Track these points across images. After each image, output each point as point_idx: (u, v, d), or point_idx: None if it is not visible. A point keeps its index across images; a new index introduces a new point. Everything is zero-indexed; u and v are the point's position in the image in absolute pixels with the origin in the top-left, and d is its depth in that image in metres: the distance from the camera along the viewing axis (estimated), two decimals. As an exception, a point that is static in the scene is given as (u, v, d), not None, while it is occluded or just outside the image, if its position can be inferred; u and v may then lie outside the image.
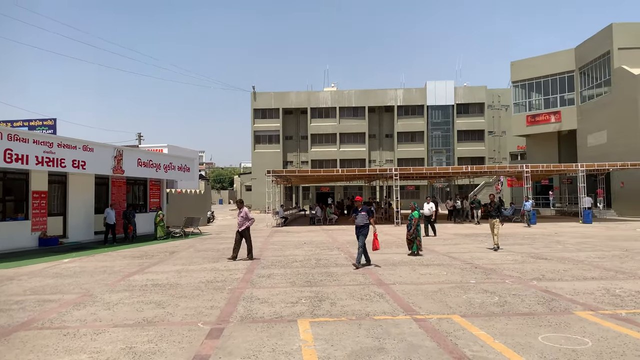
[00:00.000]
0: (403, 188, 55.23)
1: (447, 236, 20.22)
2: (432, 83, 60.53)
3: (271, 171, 29.10)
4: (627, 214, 31.92)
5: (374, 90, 61.30)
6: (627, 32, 34.29)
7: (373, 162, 61.11)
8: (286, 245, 17.56)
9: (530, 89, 42.05)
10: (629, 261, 11.98)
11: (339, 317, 6.88)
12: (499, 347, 5.40)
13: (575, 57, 38.98)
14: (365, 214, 11.72)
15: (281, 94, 62.04)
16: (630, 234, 19.95)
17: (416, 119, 60.76)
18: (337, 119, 60.68)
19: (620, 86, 33.24)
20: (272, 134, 61.81)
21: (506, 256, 13.36)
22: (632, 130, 31.61)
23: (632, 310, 7.06)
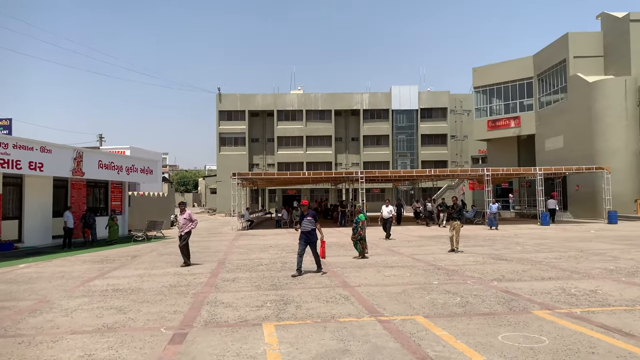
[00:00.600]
0: (369, 191, 55.77)
1: (412, 238, 20.53)
2: (397, 88, 61.42)
3: (237, 174, 28.86)
4: (582, 216, 33.19)
5: (341, 93, 61.72)
6: (582, 41, 35.74)
7: (339, 165, 61.47)
8: (252, 248, 17.44)
9: (491, 94, 43.23)
10: (584, 261, 12.46)
11: (305, 320, 6.88)
12: (461, 347, 5.52)
13: (533, 65, 40.33)
14: (312, 219, 11.12)
15: (247, 95, 61.66)
16: (585, 235, 20.75)
17: (381, 122, 61.49)
18: (304, 122, 60.76)
19: (575, 93, 34.58)
20: (237, 136, 61.32)
21: (468, 257, 13.68)
22: (586, 136, 32.92)
23: (587, 308, 7.34)
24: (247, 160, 60.67)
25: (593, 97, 32.46)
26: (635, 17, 33.02)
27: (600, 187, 30.08)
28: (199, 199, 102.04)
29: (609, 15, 35.45)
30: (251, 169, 60.26)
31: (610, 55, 34.93)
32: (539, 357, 5.14)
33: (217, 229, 30.00)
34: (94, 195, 23.57)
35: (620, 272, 10.67)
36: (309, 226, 11.08)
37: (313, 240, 11.07)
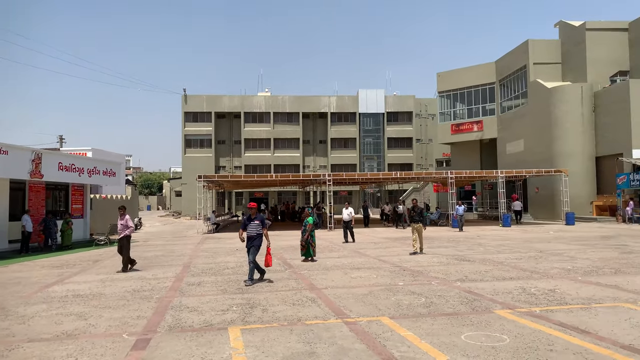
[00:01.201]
0: (336, 193, 56.01)
1: (378, 240, 20.73)
2: (364, 91, 62.00)
3: (202, 176, 28.49)
4: (541, 217, 34.27)
5: (308, 96, 61.82)
6: (541, 48, 36.98)
7: (307, 167, 61.52)
8: (217, 252, 17.24)
9: (454, 99, 44.17)
10: (543, 262, 12.86)
11: (271, 323, 6.86)
12: (425, 347, 5.61)
13: (495, 70, 41.45)
14: (259, 223, 10.39)
15: (214, 97, 61.01)
16: (544, 236, 21.42)
17: (349, 125, 61.91)
18: (271, 124, 60.56)
19: (535, 98, 35.72)
20: (203, 138, 60.56)
21: (432, 259, 13.91)
22: (546, 140, 34.04)
23: (545, 307, 7.58)
24: (214, 162, 59.99)
25: (552, 103, 33.60)
26: (590, 26, 34.39)
27: (559, 189, 31.15)
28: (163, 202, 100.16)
29: (567, 23, 36.80)
30: (217, 171, 59.60)
31: (568, 62, 36.26)
32: (500, 356, 5.28)
33: (182, 233, 29.53)
34: (53, 198, 22.80)
35: (577, 271, 11.06)
36: (254, 231, 10.30)
37: (255, 245, 10.28)
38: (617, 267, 11.51)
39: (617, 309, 7.36)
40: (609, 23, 34.75)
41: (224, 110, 60.72)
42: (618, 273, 10.71)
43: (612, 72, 33.42)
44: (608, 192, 31.45)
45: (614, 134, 30.76)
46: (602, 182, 32.27)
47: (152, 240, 23.70)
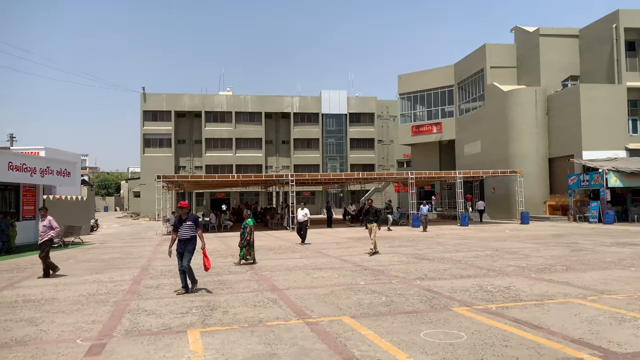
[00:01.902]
0: (299, 194, 55.97)
1: (341, 240, 20.84)
2: (327, 92, 62.24)
3: (162, 176, 27.91)
4: (498, 217, 35.31)
5: (271, 96, 61.53)
6: (498, 52, 38.13)
7: (270, 167, 61.22)
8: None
9: (415, 101, 44.97)
10: (499, 260, 13.25)
11: (231, 325, 6.78)
12: (385, 346, 5.67)
13: (454, 73, 42.45)
14: (192, 224, 9.27)
15: (174, 95, 59.87)
16: (500, 235, 22.08)
17: (312, 126, 62.00)
18: (233, 124, 59.93)
19: (492, 101, 36.78)
20: (163, 137, 59.33)
21: (393, 258, 14.10)
22: (502, 141, 35.10)
23: (501, 304, 7.80)
24: (174, 162, 58.86)
25: (507, 106, 34.68)
26: (544, 32, 35.71)
27: (514, 189, 32.18)
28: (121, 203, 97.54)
29: (522, 29, 38.09)
30: (177, 171, 58.52)
31: (523, 66, 37.54)
32: (458, 352, 5.39)
33: (140, 234, 28.83)
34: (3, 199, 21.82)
35: (531, 269, 11.45)
36: (187, 233, 9.21)
37: (189, 249, 9.21)
38: (568, 265, 11.98)
39: (568, 304, 7.66)
40: (561, 29, 36.18)
41: (185, 109, 59.69)
42: (569, 270, 11.14)
43: (564, 76, 34.80)
44: (560, 192, 32.73)
45: (566, 136, 32.04)
46: (555, 183, 33.55)
47: (109, 242, 23.03)
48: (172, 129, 59.08)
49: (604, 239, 18.64)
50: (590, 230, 22.97)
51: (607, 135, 30.71)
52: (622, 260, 12.47)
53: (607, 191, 27.70)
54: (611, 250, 14.85)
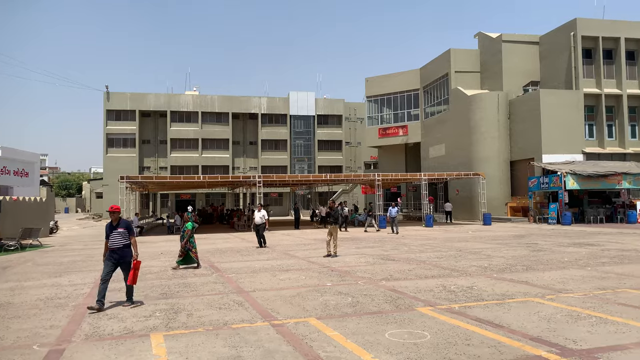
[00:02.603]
0: (267, 195, 55.70)
1: (308, 241, 20.86)
2: (295, 93, 62.22)
3: (125, 177, 27.30)
4: (461, 218, 36.07)
5: (238, 97, 61.03)
6: (462, 58, 39.00)
7: (237, 169, 60.70)
8: (141, 256, 16.54)
9: (382, 104, 45.49)
10: (462, 260, 13.54)
11: (196, 328, 6.69)
12: (351, 346, 5.71)
13: (420, 77, 43.17)
14: (124, 231, 8.19)
15: (138, 95, 58.63)
16: (464, 235, 22.56)
17: (279, 127, 61.83)
18: (200, 124, 59.14)
19: (456, 105, 37.57)
20: (127, 137, 58.01)
21: (359, 259, 14.21)
22: (465, 144, 35.89)
23: (464, 304, 7.97)
24: (138, 162, 57.61)
25: (471, 110, 35.50)
26: (506, 38, 36.73)
27: (477, 191, 32.95)
28: (83, 204, 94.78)
29: (485, 35, 39.06)
30: (142, 172, 57.30)
31: (486, 71, 38.51)
32: (422, 352, 5.48)
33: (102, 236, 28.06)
34: (-46, 200, 20.88)
35: (492, 269, 11.74)
36: (119, 241, 8.12)
37: (126, 260, 8.19)
38: (528, 264, 12.35)
39: (527, 303, 7.89)
40: (522, 36, 37.30)
41: (149, 109, 58.53)
42: (529, 270, 11.49)
43: (525, 82, 35.88)
44: (521, 194, 33.70)
45: (527, 140, 33.02)
46: (516, 185, 34.53)
47: (70, 245, 22.35)
48: (137, 128, 57.85)
49: (562, 239, 19.30)
50: (549, 231, 23.74)
51: (566, 139, 31.83)
52: (579, 260, 12.94)
53: (565, 193, 28.70)
54: (568, 250, 15.39)
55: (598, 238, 19.56)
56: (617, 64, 33.89)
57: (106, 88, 57.56)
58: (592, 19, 33.98)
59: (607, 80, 33.70)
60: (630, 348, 5.45)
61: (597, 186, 29.31)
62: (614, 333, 6.06)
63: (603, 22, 34.25)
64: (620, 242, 17.64)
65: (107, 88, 57.57)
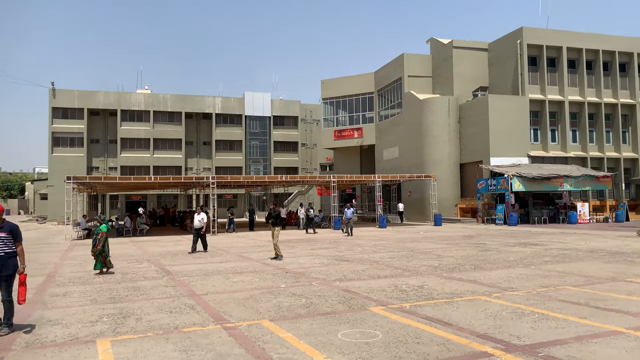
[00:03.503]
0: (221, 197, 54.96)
1: (263, 243, 20.74)
2: (250, 94, 61.71)
3: (72, 177, 26.23)
4: (413, 219, 36.85)
5: (192, 96, 59.91)
6: (414, 62, 39.89)
7: (190, 169, 59.52)
8: (88, 260, 15.91)
9: (337, 106, 45.88)
10: (413, 260, 13.83)
11: (145, 332, 6.51)
12: (304, 347, 5.72)
13: (374, 80, 43.82)
14: (9, 236, 6.68)
15: (87, 92, 56.52)
16: (415, 236, 23.06)
17: (234, 128, 61.14)
18: (151, 124, 57.63)
19: (409, 109, 38.37)
20: (74, 136, 55.79)
21: (314, 260, 14.26)
22: (418, 147, 36.71)
23: (414, 303, 8.15)
24: (85, 162, 55.51)
25: (423, 113, 36.35)
26: (457, 44, 37.85)
27: (429, 193, 33.77)
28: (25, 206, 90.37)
29: (437, 40, 40.11)
30: (90, 172, 55.25)
31: (438, 76, 39.54)
32: (373, 351, 5.56)
33: (47, 239, 26.86)
34: None
35: (442, 268, 12.06)
36: (1, 249, 6.63)
37: (7, 273, 6.64)
38: (476, 264, 12.77)
39: (475, 301, 8.15)
40: (472, 42, 38.54)
41: (99, 107, 56.53)
42: (477, 269, 11.87)
43: (475, 87, 37.08)
44: (470, 196, 34.79)
45: (476, 143, 34.13)
46: (465, 187, 35.61)
47: (10, 249, 21.21)
48: (85, 127, 55.73)
49: (508, 239, 20.06)
50: (496, 232, 24.62)
51: (512, 143, 33.12)
52: (524, 259, 13.49)
53: (512, 195, 29.85)
54: (514, 250, 16.02)
55: (542, 238, 20.46)
56: (559, 72, 35.59)
57: (52, 85, 55.17)
58: (537, 28, 35.54)
59: (550, 87, 35.33)
60: (570, 342, 5.73)
61: (541, 188, 30.65)
62: (554, 328, 6.35)
63: (547, 31, 35.89)
64: (561, 242, 18.52)
65: (52, 85, 55.17)
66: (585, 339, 5.84)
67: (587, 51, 35.89)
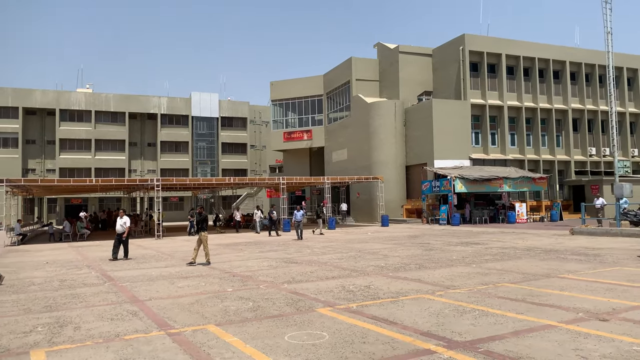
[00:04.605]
0: (166, 199, 53.56)
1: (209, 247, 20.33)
2: (197, 94, 60.59)
3: (5, 180, 24.79)
4: (362, 220, 37.38)
5: (136, 95, 58.12)
6: (362, 66, 40.51)
7: (134, 172, 57.67)
8: (22, 266, 15.09)
9: (287, 108, 45.87)
10: (361, 260, 14.03)
11: (84, 341, 6.24)
12: (250, 351, 5.67)
13: (323, 83, 44.14)
14: None
15: (22, 90, 53.61)
16: (363, 237, 23.39)
17: (181, 128, 59.81)
18: (93, 124, 55.41)
19: (356, 111, 38.91)
20: (8, 136, 52.76)
21: (262, 262, 14.17)
22: (366, 149, 37.29)
23: (361, 302, 8.26)
24: (21, 164, 52.62)
25: (371, 116, 36.97)
26: (403, 49, 38.75)
27: (376, 194, 34.37)
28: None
29: (384, 45, 40.91)
30: (25, 174, 52.40)
31: (384, 80, 40.33)
32: (320, 352, 5.59)
33: (-24, 246, 25.18)
34: None
35: (389, 268, 12.30)
36: None
37: None
38: (420, 263, 13.11)
39: (419, 300, 8.37)
40: (417, 48, 39.57)
41: (35, 106, 53.76)
42: (421, 268, 12.19)
43: (420, 91, 38.10)
44: (415, 197, 35.70)
45: (421, 146, 35.07)
46: (411, 188, 36.51)
47: None
48: (20, 127, 52.83)
49: (451, 239, 20.73)
50: (440, 232, 25.39)
51: (455, 146, 34.26)
52: (465, 258, 13.99)
53: (454, 196, 30.86)
54: (457, 249, 16.57)
55: (482, 237, 21.29)
56: (499, 78, 37.18)
57: (-18, 81, 51.87)
58: (478, 36, 36.98)
59: (490, 92, 36.84)
60: (507, 337, 5.99)
61: (482, 189, 31.88)
62: (493, 324, 6.62)
63: (487, 39, 37.42)
64: (501, 241, 19.35)
65: (-17, 81, 51.87)
66: (522, 334, 6.12)
67: (525, 58, 37.71)
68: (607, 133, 37.58)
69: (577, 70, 39.62)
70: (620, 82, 40.33)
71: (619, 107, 39.20)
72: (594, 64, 39.57)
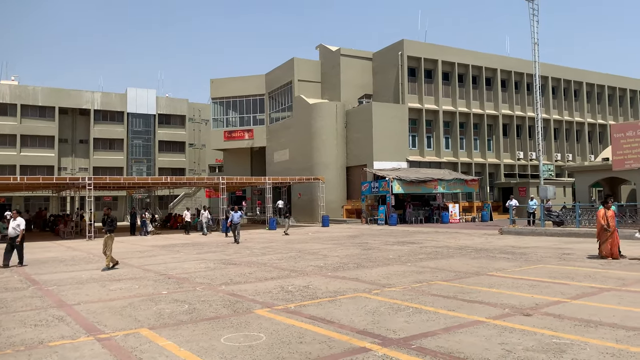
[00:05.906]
0: (99, 199, 51.23)
1: (145, 248, 19.73)
2: (134, 90, 58.38)
3: None
4: (303, 220, 37.50)
5: (67, 90, 55.15)
6: (304, 67, 40.66)
7: (64, 169, 54.68)
8: None
9: (227, 106, 45.20)
10: (301, 261, 14.07)
11: (3, 350, 5.86)
12: (184, 354, 5.55)
13: (265, 83, 43.91)
14: None
15: (-64, 80, 49.43)
16: (304, 237, 23.48)
17: (115, 125, 57.40)
18: (18, 118, 52.03)
19: (298, 112, 39.01)
20: None
21: (199, 264, 13.88)
22: (307, 150, 37.45)
23: (299, 303, 8.29)
24: None
25: (312, 117, 37.18)
26: (344, 52, 39.27)
27: (317, 195, 34.60)
28: None
29: (326, 47, 41.27)
30: (-60, 171, 48.37)
31: (326, 82, 40.69)
32: (256, 353, 5.56)
33: None
34: None
35: (328, 268, 12.42)
36: None
37: None
38: (358, 262, 13.33)
39: (356, 299, 8.51)
40: (358, 51, 40.23)
41: (-48, 98, 49.74)
42: (359, 267, 12.41)
43: (360, 94, 38.76)
44: (355, 198, 36.27)
45: (361, 148, 35.68)
46: (351, 189, 37.06)
47: None
48: None
49: (389, 238, 21.24)
50: (378, 231, 25.94)
51: (393, 148, 35.14)
52: (401, 257, 14.38)
53: (392, 197, 31.65)
54: (394, 248, 17.00)
55: (418, 237, 21.97)
56: (435, 83, 38.51)
57: None
58: (416, 42, 38.12)
59: (427, 97, 38.07)
60: (439, 334, 6.22)
61: (418, 191, 32.89)
62: (426, 321, 6.86)
63: (425, 45, 38.64)
64: (435, 240, 20.05)
65: None
66: (453, 330, 6.38)
67: (459, 65, 39.28)
68: (533, 138, 39.88)
69: (507, 77, 41.77)
70: (546, 91, 42.93)
71: (544, 114, 41.71)
72: (523, 72, 41.88)
